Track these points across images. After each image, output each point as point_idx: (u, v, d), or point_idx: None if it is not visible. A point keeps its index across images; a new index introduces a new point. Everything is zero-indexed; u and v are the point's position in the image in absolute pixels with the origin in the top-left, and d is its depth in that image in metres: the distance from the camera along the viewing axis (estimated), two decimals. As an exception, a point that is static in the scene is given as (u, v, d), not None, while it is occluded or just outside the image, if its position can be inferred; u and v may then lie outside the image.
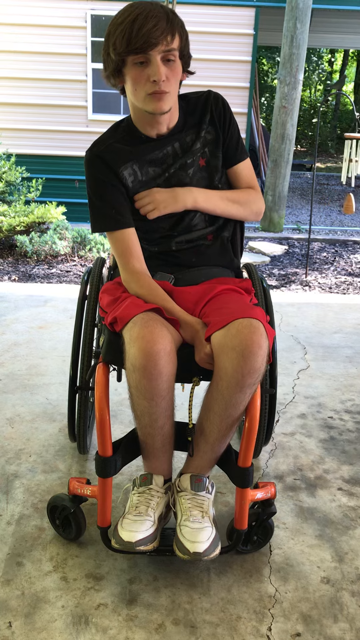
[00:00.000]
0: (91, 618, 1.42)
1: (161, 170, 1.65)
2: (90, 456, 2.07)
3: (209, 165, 1.69)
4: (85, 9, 6.69)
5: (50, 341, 3.13)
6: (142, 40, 1.44)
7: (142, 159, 1.64)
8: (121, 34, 1.46)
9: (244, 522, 1.54)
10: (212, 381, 1.47)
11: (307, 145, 19.87)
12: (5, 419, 2.32)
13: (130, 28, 1.45)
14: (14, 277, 4.68)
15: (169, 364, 1.40)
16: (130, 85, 1.54)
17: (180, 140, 1.65)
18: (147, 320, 1.41)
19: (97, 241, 5.29)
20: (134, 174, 1.63)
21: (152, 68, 1.48)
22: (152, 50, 1.46)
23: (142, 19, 1.44)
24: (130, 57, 1.48)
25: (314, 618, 1.45)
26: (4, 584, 1.52)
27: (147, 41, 1.44)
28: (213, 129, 1.68)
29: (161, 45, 1.46)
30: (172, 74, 1.52)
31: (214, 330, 1.43)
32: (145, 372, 1.39)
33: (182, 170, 1.66)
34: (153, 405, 1.44)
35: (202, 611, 1.45)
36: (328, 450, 2.19)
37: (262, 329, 1.39)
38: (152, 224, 1.67)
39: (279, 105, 6.62)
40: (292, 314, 3.75)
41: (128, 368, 1.42)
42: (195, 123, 1.66)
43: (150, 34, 1.44)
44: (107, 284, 1.75)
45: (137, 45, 1.45)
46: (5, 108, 6.93)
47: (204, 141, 1.67)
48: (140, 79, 1.50)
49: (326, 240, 6.69)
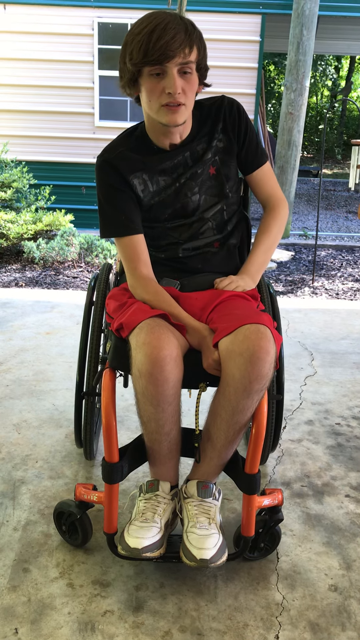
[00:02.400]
0: (97, 625, 1.42)
1: (171, 180, 1.65)
2: (96, 462, 2.07)
3: (219, 173, 1.68)
4: (92, 17, 6.73)
5: (57, 347, 3.13)
6: (159, 52, 1.43)
7: (152, 169, 1.63)
8: (138, 44, 1.45)
9: (251, 529, 1.53)
10: (219, 387, 1.47)
11: (314, 152, 19.88)
12: (12, 425, 2.32)
13: (147, 39, 1.43)
14: (21, 283, 4.70)
15: (175, 369, 1.40)
16: (145, 95, 1.53)
17: (192, 149, 1.64)
18: (153, 326, 1.40)
19: (104, 247, 5.30)
20: (143, 183, 1.64)
21: (168, 80, 1.47)
22: (168, 62, 1.45)
23: (160, 30, 1.43)
24: (147, 68, 1.47)
25: (321, 626, 1.44)
26: (10, 590, 1.51)
27: (164, 53, 1.43)
28: (225, 137, 1.67)
29: (178, 58, 1.45)
30: (188, 86, 1.50)
31: (222, 337, 1.42)
32: (151, 378, 1.38)
33: (192, 179, 1.65)
34: (159, 411, 1.44)
35: (209, 619, 1.44)
36: (335, 457, 2.18)
37: (269, 334, 1.39)
38: (161, 231, 1.67)
39: (285, 112, 6.63)
40: (299, 320, 3.74)
41: (134, 374, 1.42)
42: (207, 132, 1.65)
43: (168, 45, 1.42)
44: (113, 289, 1.76)
45: (153, 57, 1.44)
46: (13, 115, 6.98)
47: (215, 150, 1.66)
48: (155, 90, 1.49)
49: (333, 246, 6.68)
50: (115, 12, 6.73)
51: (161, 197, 1.65)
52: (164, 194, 1.65)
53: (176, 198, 1.66)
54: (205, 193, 1.67)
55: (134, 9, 6.69)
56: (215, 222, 1.70)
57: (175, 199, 1.66)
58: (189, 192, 1.65)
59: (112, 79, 6.95)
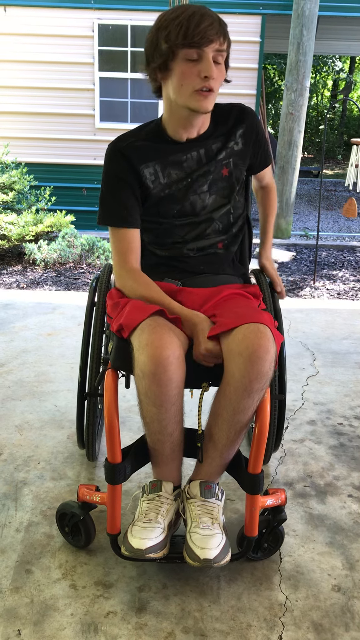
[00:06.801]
0: (100, 626, 1.41)
1: (184, 175, 1.65)
2: (99, 463, 2.07)
3: (231, 176, 1.69)
4: (93, 19, 6.73)
5: (59, 348, 3.13)
6: (199, 35, 1.46)
7: (165, 160, 1.64)
8: (177, 26, 1.46)
9: (255, 529, 1.53)
10: (220, 387, 1.47)
11: (314, 152, 19.88)
12: (14, 426, 2.32)
13: (187, 22, 1.46)
14: (23, 285, 4.70)
15: (178, 369, 1.40)
16: (177, 80, 1.52)
17: (207, 146, 1.65)
18: (155, 326, 1.40)
19: (106, 248, 5.30)
20: (154, 174, 1.64)
21: (205, 64, 1.48)
22: (207, 46, 1.47)
23: (198, 16, 1.46)
24: (183, 51, 1.48)
25: (325, 627, 1.43)
26: (12, 591, 1.51)
27: (205, 36, 1.46)
28: (243, 142, 1.69)
29: (215, 44, 1.48)
30: (219, 75, 1.54)
31: (219, 331, 1.42)
32: (154, 378, 1.38)
33: (203, 177, 1.66)
34: (162, 412, 1.44)
35: (212, 619, 1.44)
36: (338, 457, 2.17)
37: (269, 333, 1.39)
38: (168, 228, 1.67)
39: (285, 112, 6.63)
40: (300, 320, 3.74)
41: (137, 375, 1.42)
42: (224, 132, 1.67)
43: (207, 30, 1.46)
44: (112, 289, 1.76)
45: (194, 39, 1.46)
46: (14, 117, 6.99)
47: (230, 152, 1.68)
48: (189, 74, 1.50)
49: (334, 246, 6.67)
50: (115, 14, 6.73)
51: (171, 190, 1.65)
52: (175, 188, 1.65)
53: (186, 194, 1.66)
54: (216, 193, 1.68)
55: (134, 11, 6.69)
56: (222, 224, 1.71)
57: (185, 195, 1.66)
58: (199, 190, 1.66)
59: (112, 80, 6.96)
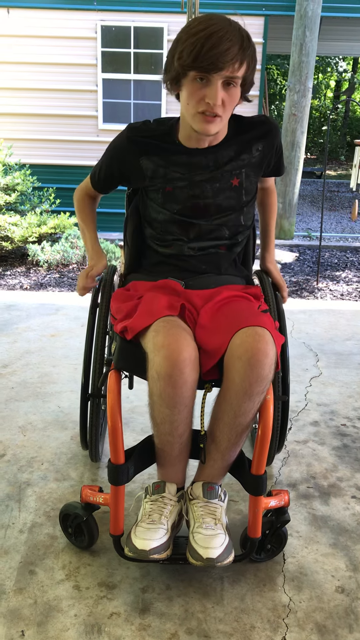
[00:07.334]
0: (104, 627, 1.42)
1: (187, 175, 1.64)
2: (102, 464, 2.07)
3: (241, 186, 1.67)
4: (96, 20, 6.74)
5: (62, 349, 3.14)
6: (208, 62, 1.40)
7: (167, 159, 1.64)
8: (191, 46, 1.41)
9: (258, 530, 1.53)
10: (220, 391, 1.47)
11: (317, 153, 19.87)
12: (18, 427, 2.32)
13: (201, 44, 1.39)
14: (26, 286, 4.71)
15: (193, 372, 1.40)
16: (185, 98, 1.51)
17: (217, 154, 1.63)
18: (169, 327, 1.40)
19: (109, 249, 5.30)
20: (154, 166, 1.65)
21: (211, 90, 1.45)
22: (216, 73, 1.42)
23: (216, 38, 1.39)
24: (192, 72, 1.45)
25: (328, 628, 1.43)
26: (16, 592, 1.51)
27: (214, 63, 1.40)
28: (260, 156, 1.67)
29: (226, 71, 1.42)
30: (229, 99, 1.49)
31: (214, 363, 1.45)
32: (170, 380, 1.37)
33: (207, 182, 1.64)
34: (175, 413, 1.43)
35: (216, 620, 1.44)
36: (341, 458, 2.17)
37: (267, 336, 1.38)
38: (169, 218, 1.67)
39: (288, 113, 6.63)
40: (303, 321, 3.74)
41: (152, 376, 1.41)
42: (240, 143, 1.65)
43: (220, 56, 1.39)
44: (117, 290, 1.76)
45: (202, 65, 1.41)
46: (17, 118, 7.00)
47: (243, 163, 1.65)
48: (195, 96, 1.47)
49: (337, 247, 6.66)
50: (118, 15, 6.74)
51: (172, 186, 1.65)
52: (175, 185, 1.65)
53: (187, 196, 1.65)
54: (222, 202, 1.66)
55: (137, 12, 6.70)
56: (230, 232, 1.70)
57: (187, 197, 1.65)
58: (201, 195, 1.64)
59: (115, 82, 6.96)
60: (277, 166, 1.77)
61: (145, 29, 6.80)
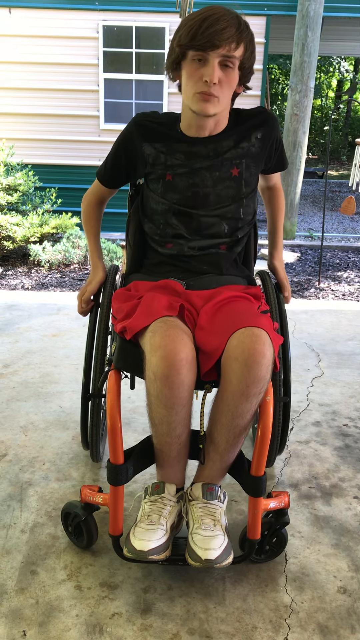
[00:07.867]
0: (106, 627, 1.41)
1: (187, 161, 1.66)
2: (103, 464, 2.07)
3: (240, 176, 1.68)
4: (97, 20, 6.75)
5: (64, 349, 3.14)
6: (205, 39, 1.46)
7: (169, 146, 1.68)
8: (188, 28, 1.49)
9: (257, 532, 1.52)
10: (218, 392, 1.46)
11: (319, 153, 19.86)
12: (19, 427, 2.32)
13: (198, 25, 1.47)
14: (28, 286, 4.71)
15: (190, 372, 1.40)
16: (184, 79, 1.57)
17: (217, 143, 1.66)
18: (167, 328, 1.39)
19: (111, 249, 5.30)
20: (156, 152, 1.68)
21: (207, 68, 1.50)
22: (211, 50, 1.48)
23: (212, 19, 1.47)
24: (191, 52, 1.51)
25: (331, 629, 1.43)
26: (18, 592, 1.51)
27: (210, 40, 1.46)
28: (260, 145, 1.70)
29: (222, 49, 1.48)
30: (226, 80, 1.53)
31: (211, 365, 1.44)
32: (167, 381, 1.37)
33: (207, 171, 1.66)
34: (173, 414, 1.43)
35: (218, 621, 1.44)
36: (343, 458, 2.17)
37: (264, 337, 1.38)
38: (168, 209, 1.69)
39: (290, 113, 6.63)
40: (305, 321, 3.74)
41: (149, 377, 1.41)
42: (239, 132, 1.68)
43: (216, 34, 1.46)
44: (118, 290, 1.76)
45: (199, 42, 1.47)
46: (19, 118, 7.01)
47: (243, 152, 1.68)
48: (193, 76, 1.53)
49: (339, 247, 6.66)
50: (119, 15, 6.74)
51: (172, 173, 1.67)
52: (175, 172, 1.67)
53: (187, 185, 1.66)
54: (221, 191, 1.67)
55: (138, 12, 6.70)
56: (229, 227, 1.70)
57: (186, 186, 1.66)
58: (201, 184, 1.66)
59: (117, 81, 6.97)
60: (280, 160, 1.79)
61: (147, 28, 6.81)
